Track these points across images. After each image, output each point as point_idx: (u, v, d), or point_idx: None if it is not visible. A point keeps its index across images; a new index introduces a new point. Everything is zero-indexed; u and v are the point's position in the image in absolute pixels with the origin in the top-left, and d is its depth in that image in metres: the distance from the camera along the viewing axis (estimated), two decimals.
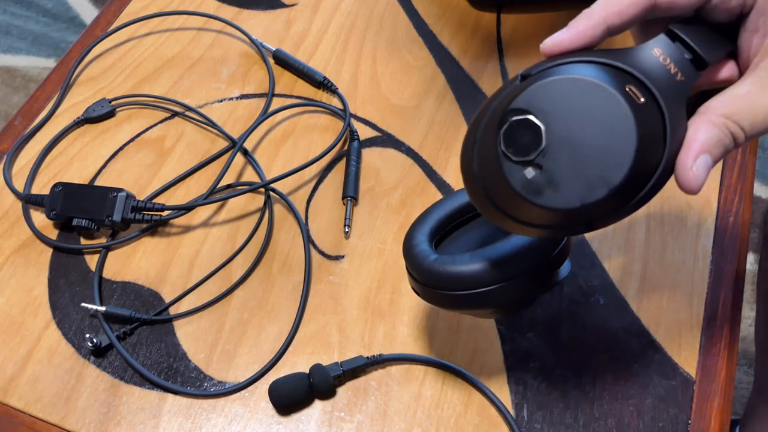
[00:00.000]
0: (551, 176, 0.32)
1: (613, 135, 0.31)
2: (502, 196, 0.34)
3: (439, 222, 0.46)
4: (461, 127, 0.62)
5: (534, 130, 0.32)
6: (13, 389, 0.49)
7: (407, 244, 0.44)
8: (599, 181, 0.31)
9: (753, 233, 1.24)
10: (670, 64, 0.34)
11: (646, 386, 0.49)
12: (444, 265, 0.41)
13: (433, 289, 0.42)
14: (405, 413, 0.48)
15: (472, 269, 0.40)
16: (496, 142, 0.33)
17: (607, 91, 0.32)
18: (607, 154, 0.31)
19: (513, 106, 0.32)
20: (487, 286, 0.40)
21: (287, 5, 0.70)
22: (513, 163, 0.32)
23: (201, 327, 0.52)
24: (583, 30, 0.34)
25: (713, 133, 0.32)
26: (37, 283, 0.54)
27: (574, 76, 0.32)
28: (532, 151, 0.32)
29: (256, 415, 0.48)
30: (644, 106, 0.32)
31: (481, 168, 0.35)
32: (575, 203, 0.32)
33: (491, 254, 0.40)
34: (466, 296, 0.40)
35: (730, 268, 0.54)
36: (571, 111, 0.32)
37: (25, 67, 1.63)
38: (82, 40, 0.67)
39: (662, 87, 0.33)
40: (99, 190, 0.55)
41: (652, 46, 0.34)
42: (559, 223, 0.34)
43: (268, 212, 0.57)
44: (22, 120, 0.62)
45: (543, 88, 0.32)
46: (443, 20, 0.69)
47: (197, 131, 0.62)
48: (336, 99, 0.63)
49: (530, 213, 0.33)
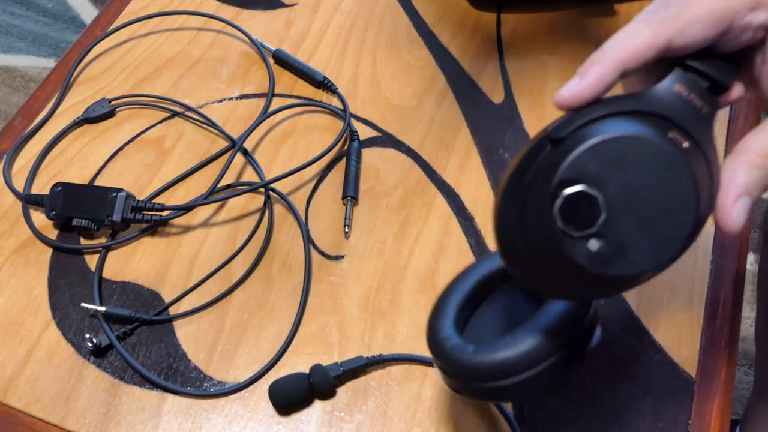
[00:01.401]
0: (617, 245, 0.30)
1: (672, 189, 0.30)
2: (562, 274, 0.32)
3: (459, 306, 0.43)
4: (461, 127, 0.62)
5: (590, 201, 0.30)
6: (13, 389, 0.49)
7: (436, 340, 0.41)
8: (668, 238, 0.30)
9: (753, 233, 1.24)
10: (693, 98, 0.33)
11: (646, 386, 0.49)
12: (486, 355, 0.38)
13: (480, 383, 0.38)
14: (405, 413, 0.48)
15: (518, 351, 0.37)
16: (549, 220, 0.31)
17: (654, 144, 0.30)
18: (671, 209, 0.30)
19: (562, 178, 0.30)
20: (537, 364, 0.37)
21: (287, 5, 0.70)
22: (574, 240, 0.30)
23: (201, 327, 0.52)
24: (598, 78, 0.32)
25: (754, 176, 0.31)
26: (37, 283, 0.54)
27: (617, 134, 0.30)
28: (592, 223, 0.30)
29: (256, 415, 0.48)
30: (690, 151, 0.31)
31: (531, 247, 0.32)
32: (648, 266, 0.30)
33: (532, 331, 0.37)
34: (519, 382, 0.37)
35: (730, 268, 0.54)
36: (624, 172, 0.30)
37: (25, 67, 1.63)
38: (82, 40, 0.67)
39: (694, 125, 0.32)
40: (99, 190, 0.55)
41: (670, 83, 0.33)
42: (624, 287, 0.33)
43: (268, 212, 0.57)
44: (22, 120, 0.62)
45: (587, 153, 0.30)
46: (443, 20, 0.69)
47: (197, 131, 0.62)
48: (336, 99, 0.63)
49: (595, 285, 0.32)
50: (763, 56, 0.34)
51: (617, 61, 0.32)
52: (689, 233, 0.30)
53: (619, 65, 0.32)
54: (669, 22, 0.32)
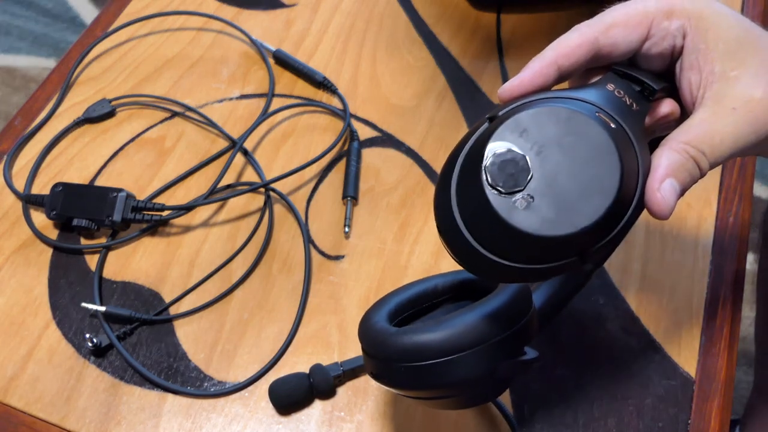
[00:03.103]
0: (544, 205, 0.31)
1: (597, 156, 0.32)
2: (492, 236, 0.32)
3: (397, 306, 0.43)
4: (461, 127, 0.62)
5: (518, 161, 0.32)
6: (13, 389, 0.49)
7: (365, 324, 0.41)
8: (594, 202, 0.31)
9: (753, 233, 1.24)
10: (624, 96, 0.36)
11: (646, 386, 0.49)
12: (409, 335, 0.38)
13: (398, 362, 0.38)
14: (405, 413, 0.48)
15: (435, 336, 0.37)
16: (479, 180, 0.32)
17: (582, 116, 0.32)
18: (597, 174, 0.31)
19: (492, 140, 0.32)
20: (459, 351, 0.37)
21: (287, 5, 0.70)
22: (503, 197, 0.32)
23: (201, 327, 0.52)
24: (538, 69, 0.36)
25: (675, 158, 0.34)
26: (37, 283, 0.54)
27: (548, 107, 0.32)
28: (520, 181, 0.31)
29: (256, 415, 0.48)
30: (617, 132, 0.33)
31: (464, 213, 0.33)
32: (572, 228, 0.31)
33: (460, 319, 0.37)
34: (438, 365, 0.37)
35: (730, 268, 0.54)
36: (551, 139, 0.32)
37: (25, 67, 1.63)
38: (82, 40, 0.67)
39: (624, 116, 0.34)
40: (99, 190, 0.55)
41: (603, 82, 0.36)
42: (553, 256, 0.33)
43: (268, 212, 0.57)
44: (22, 120, 0.62)
45: (517, 121, 0.32)
46: (443, 20, 0.69)
47: (197, 131, 0.62)
48: (336, 99, 0.63)
49: (523, 248, 0.32)
50: (681, 65, 0.38)
51: (553, 56, 0.37)
52: (615, 200, 0.31)
53: (554, 60, 0.37)
54: (595, 24, 0.37)
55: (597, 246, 0.33)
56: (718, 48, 0.36)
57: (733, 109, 0.35)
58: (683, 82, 0.38)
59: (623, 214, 0.33)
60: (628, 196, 0.33)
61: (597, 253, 0.33)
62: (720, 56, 0.36)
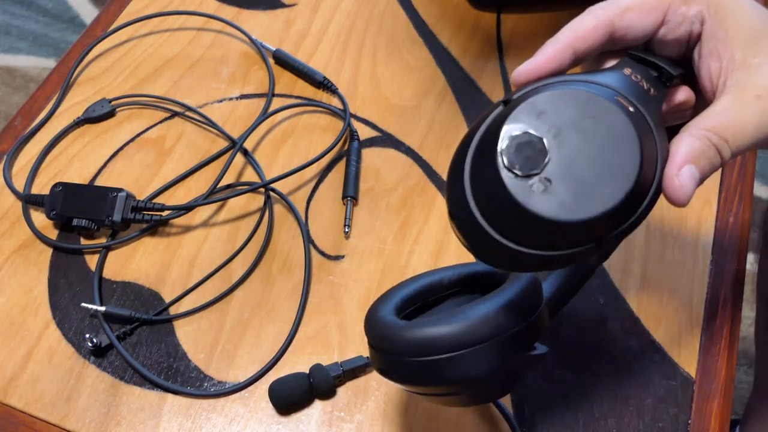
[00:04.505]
0: (561, 188, 0.30)
1: (617, 141, 0.31)
2: (507, 221, 0.31)
3: (403, 300, 0.42)
4: (461, 127, 0.62)
5: (535, 144, 0.31)
6: (13, 389, 0.49)
7: (371, 318, 0.40)
8: (613, 187, 0.30)
9: (753, 233, 1.24)
10: (641, 81, 0.35)
11: (646, 386, 0.49)
12: (417, 329, 0.37)
13: (407, 356, 0.37)
14: (405, 413, 0.48)
15: (450, 329, 0.36)
16: (494, 163, 0.31)
17: (601, 99, 0.31)
18: (616, 159, 0.31)
19: (508, 123, 0.31)
20: (469, 346, 0.36)
21: (287, 5, 0.70)
22: (519, 180, 0.30)
23: (201, 327, 0.52)
24: (552, 53, 0.36)
25: (696, 145, 0.34)
26: (37, 283, 0.54)
27: (565, 89, 0.32)
28: (537, 163, 0.30)
29: (256, 415, 0.48)
30: (636, 116, 0.32)
31: (478, 198, 0.32)
32: (590, 213, 0.30)
33: (470, 314, 0.36)
34: (448, 359, 0.36)
35: (730, 268, 0.54)
36: (569, 121, 0.31)
37: (25, 67, 1.63)
38: (82, 40, 0.67)
39: (642, 101, 0.34)
40: (99, 190, 0.55)
41: (620, 66, 0.35)
42: (569, 242, 0.32)
43: (268, 212, 0.57)
44: (22, 120, 0.62)
45: (534, 104, 0.31)
46: (443, 20, 0.69)
47: (197, 131, 0.62)
48: (336, 99, 0.63)
49: (539, 234, 0.31)
50: (699, 52, 0.37)
51: (568, 39, 0.36)
52: (634, 186, 0.31)
53: (570, 43, 0.36)
54: (609, 7, 0.37)
55: (614, 233, 0.32)
56: (738, 36, 0.36)
57: (757, 97, 0.35)
58: (702, 69, 0.37)
59: (641, 200, 0.32)
60: (646, 182, 0.32)
61: (613, 240, 0.32)
62: (740, 44, 0.36)
